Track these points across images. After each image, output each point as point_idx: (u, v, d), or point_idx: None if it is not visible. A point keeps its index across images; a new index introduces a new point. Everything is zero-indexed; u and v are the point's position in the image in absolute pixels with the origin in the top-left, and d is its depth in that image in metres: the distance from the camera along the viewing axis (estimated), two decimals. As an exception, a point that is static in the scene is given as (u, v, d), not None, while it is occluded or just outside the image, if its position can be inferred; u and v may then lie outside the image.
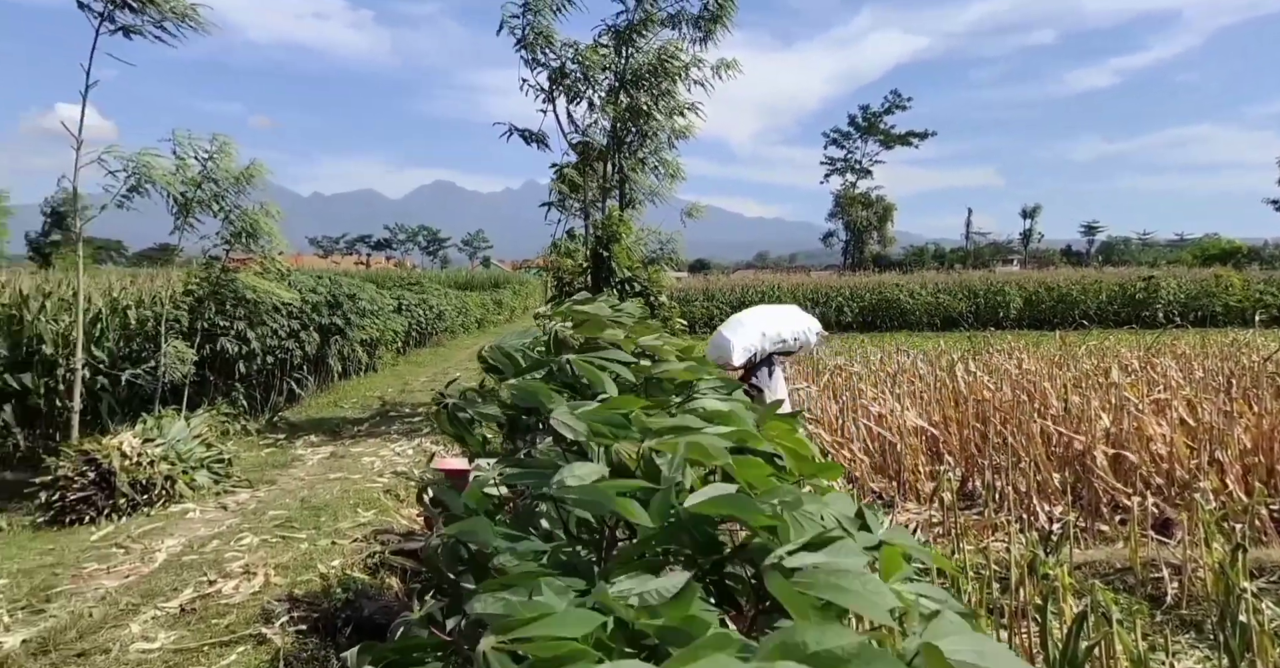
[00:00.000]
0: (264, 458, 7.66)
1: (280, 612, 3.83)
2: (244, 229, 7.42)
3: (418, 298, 18.77)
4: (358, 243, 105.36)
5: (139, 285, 9.97)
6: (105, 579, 4.47)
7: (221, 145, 6.96)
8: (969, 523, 4.64)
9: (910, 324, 22.95)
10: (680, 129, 8.84)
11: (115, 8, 5.91)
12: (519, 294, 35.23)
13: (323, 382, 11.98)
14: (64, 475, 5.65)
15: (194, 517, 5.72)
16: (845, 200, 53.86)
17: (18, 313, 7.68)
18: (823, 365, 9.11)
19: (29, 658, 3.41)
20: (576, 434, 1.56)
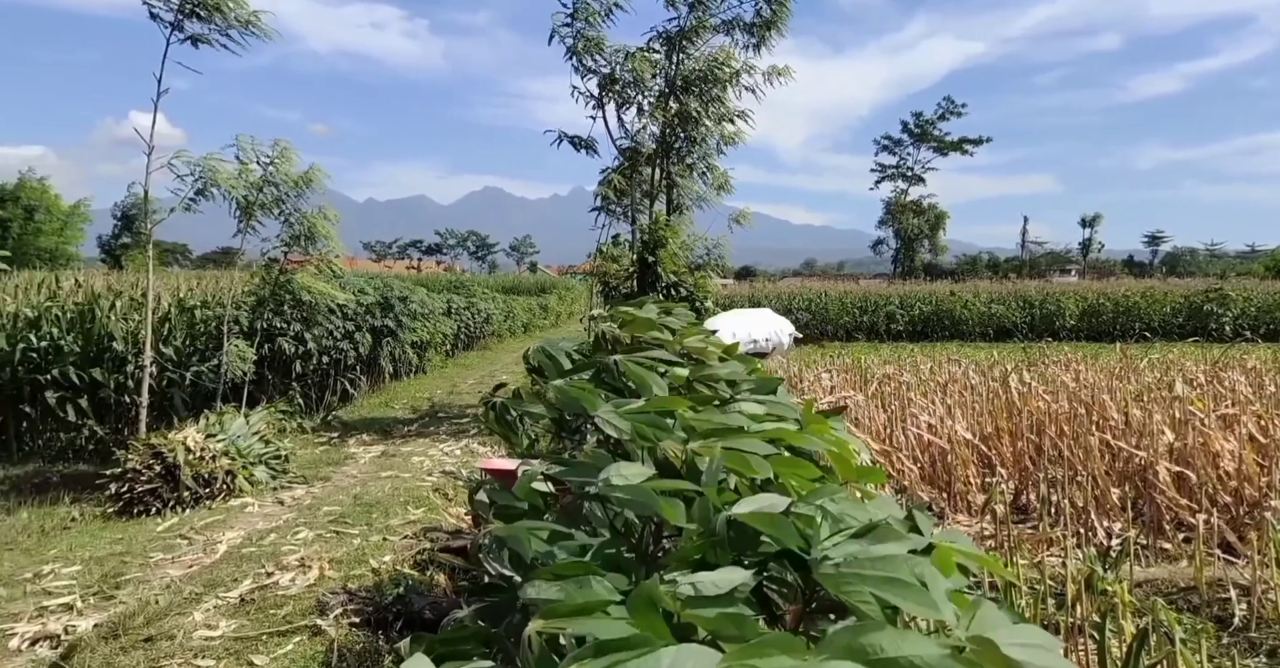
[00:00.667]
0: (319, 455, 7.87)
1: (334, 604, 3.94)
2: (302, 232, 7.66)
3: (466, 301, 19.10)
4: (409, 248, 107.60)
5: (204, 286, 10.37)
6: (170, 569, 4.65)
7: (282, 150, 7.22)
8: (1023, 537, 4.52)
9: (962, 334, 22.46)
10: (729, 135, 8.84)
11: (184, 17, 6.19)
12: (564, 299, 35.54)
13: (374, 382, 12.26)
14: (132, 468, 5.90)
15: (253, 511, 5.91)
16: (896, 208, 53.04)
17: (91, 311, 8.07)
18: (870, 374, 8.98)
19: (100, 642, 3.57)
20: (620, 433, 1.58)
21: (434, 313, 14.47)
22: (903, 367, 9.91)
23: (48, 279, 10.03)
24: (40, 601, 4.16)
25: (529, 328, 26.33)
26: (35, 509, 6.55)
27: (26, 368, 7.67)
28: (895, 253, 54.27)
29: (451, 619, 1.53)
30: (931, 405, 6.56)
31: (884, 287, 28.39)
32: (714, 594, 1.02)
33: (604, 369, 2.02)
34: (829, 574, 1.03)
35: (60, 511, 6.41)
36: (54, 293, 8.77)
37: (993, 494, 4.20)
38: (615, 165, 8.95)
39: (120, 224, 34.72)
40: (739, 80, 8.31)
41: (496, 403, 2.32)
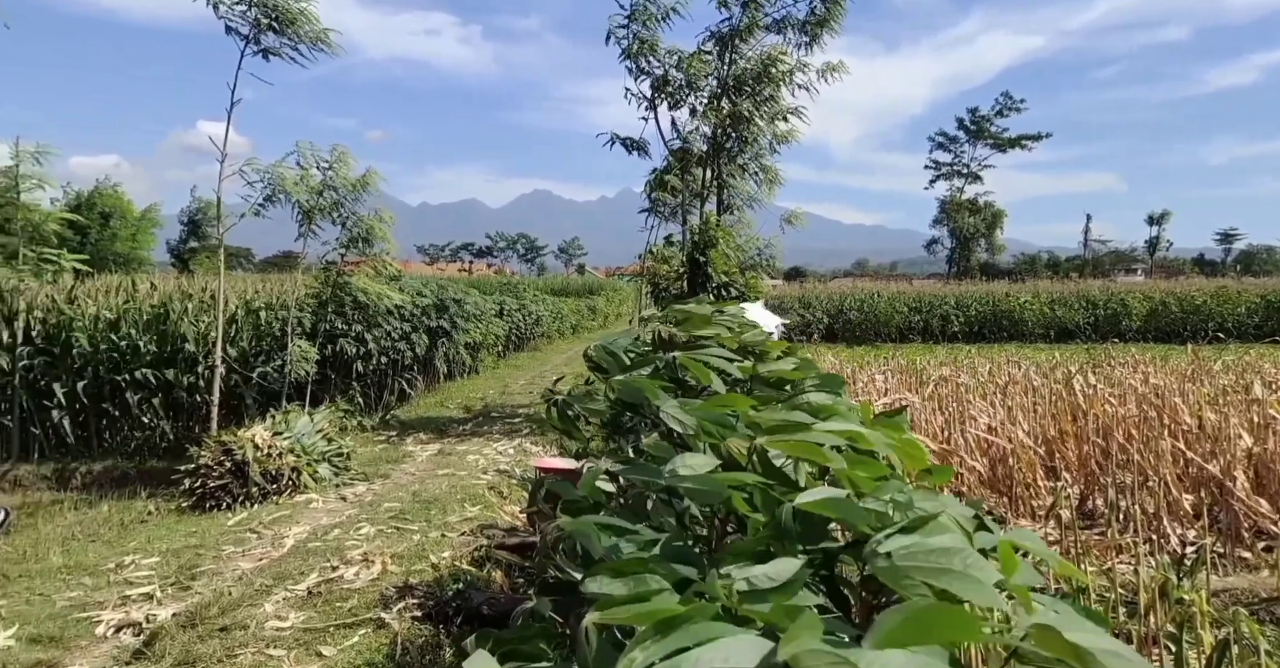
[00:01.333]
0: (378, 453, 8.08)
1: (397, 598, 4.04)
2: (360, 235, 7.88)
3: (517, 303, 19.36)
4: (461, 251, 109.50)
5: (268, 289, 10.74)
6: (241, 561, 4.84)
7: (340, 155, 7.44)
8: (1090, 543, 4.38)
9: (1021, 335, 21.83)
10: (782, 134, 8.78)
11: (259, 31, 6.46)
12: (612, 301, 35.71)
13: (430, 382, 12.53)
14: (205, 464, 6.15)
15: (317, 506, 6.11)
16: (951, 206, 51.86)
17: (165, 313, 8.44)
18: (926, 375, 8.80)
19: (179, 630, 3.74)
20: (685, 427, 1.59)
21: (486, 315, 14.72)
22: (959, 368, 9.69)
23: (124, 283, 10.53)
24: (123, 590, 4.37)
25: (577, 329, 26.53)
26: (115, 503, 6.89)
27: (107, 367, 8.06)
28: (950, 252, 53.05)
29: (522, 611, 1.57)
30: (991, 408, 6.41)
31: (939, 287, 27.77)
32: (768, 587, 1.03)
33: (663, 366, 2.04)
34: (883, 566, 1.03)
35: (138, 504, 6.73)
36: (131, 296, 9.21)
37: (1058, 498, 4.08)
38: (666, 166, 8.97)
39: (187, 229, 36.23)
40: (792, 78, 8.24)
41: (558, 400, 2.36)
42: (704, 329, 2.11)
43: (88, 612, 4.06)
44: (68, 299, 8.54)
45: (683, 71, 8.16)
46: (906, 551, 1.05)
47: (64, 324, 8.16)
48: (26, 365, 7.91)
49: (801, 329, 21.41)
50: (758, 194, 9.12)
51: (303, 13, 6.52)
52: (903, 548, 1.06)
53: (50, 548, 5.36)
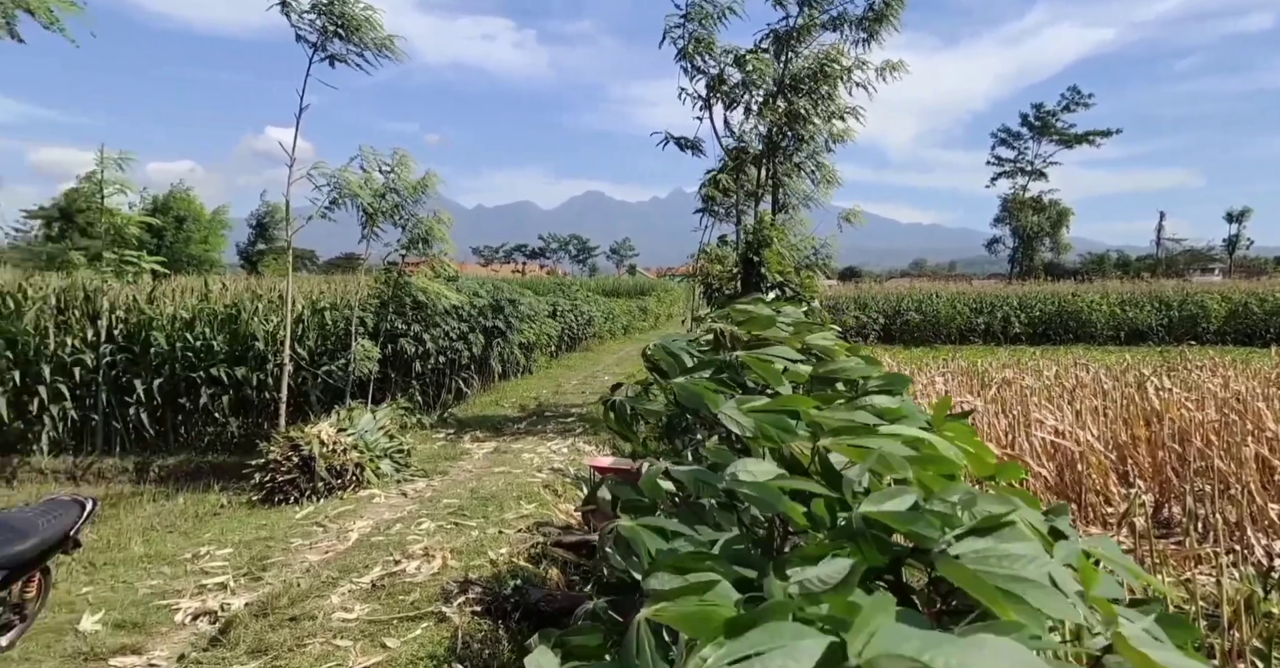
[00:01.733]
0: (437, 450, 8.25)
1: (457, 593, 4.12)
2: (419, 236, 8.06)
3: (570, 304, 19.53)
4: (515, 252, 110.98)
5: (332, 289, 11.07)
6: (309, 554, 5.00)
7: (401, 158, 7.63)
8: (1166, 552, 4.20)
9: (1089, 337, 21.04)
10: (839, 133, 8.66)
11: (326, 38, 6.69)
12: (663, 301, 35.70)
13: (485, 382, 12.74)
14: (274, 459, 6.38)
15: (379, 501, 6.27)
16: (1014, 204, 50.31)
17: (237, 313, 8.78)
18: (988, 377, 8.56)
19: (251, 619, 3.88)
20: (743, 430, 1.58)
21: (540, 315, 14.89)
22: (1023, 370, 9.40)
23: (198, 283, 11.01)
24: (199, 579, 4.57)
25: (629, 330, 26.60)
26: (190, 496, 7.19)
27: (183, 365, 8.43)
28: (1012, 252, 51.48)
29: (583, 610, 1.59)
30: (1057, 411, 6.20)
31: (1000, 287, 26.97)
32: (821, 590, 1.02)
33: (724, 367, 2.03)
34: (952, 568, 1.01)
35: (211, 497, 7.01)
36: (205, 296, 9.62)
37: (1131, 506, 3.92)
38: (720, 166, 8.93)
39: (256, 232, 37.70)
40: (850, 77, 8.11)
41: (616, 402, 2.37)
42: (766, 329, 2.10)
43: (167, 600, 4.26)
44: (148, 299, 8.97)
45: (739, 70, 8.11)
46: (979, 554, 1.03)
47: (144, 323, 8.57)
48: (109, 362, 8.33)
49: (857, 330, 21.04)
50: (814, 193, 9.01)
51: (368, 19, 6.73)
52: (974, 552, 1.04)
53: (132, 538, 5.63)
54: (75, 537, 3.71)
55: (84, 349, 8.31)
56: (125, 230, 8.02)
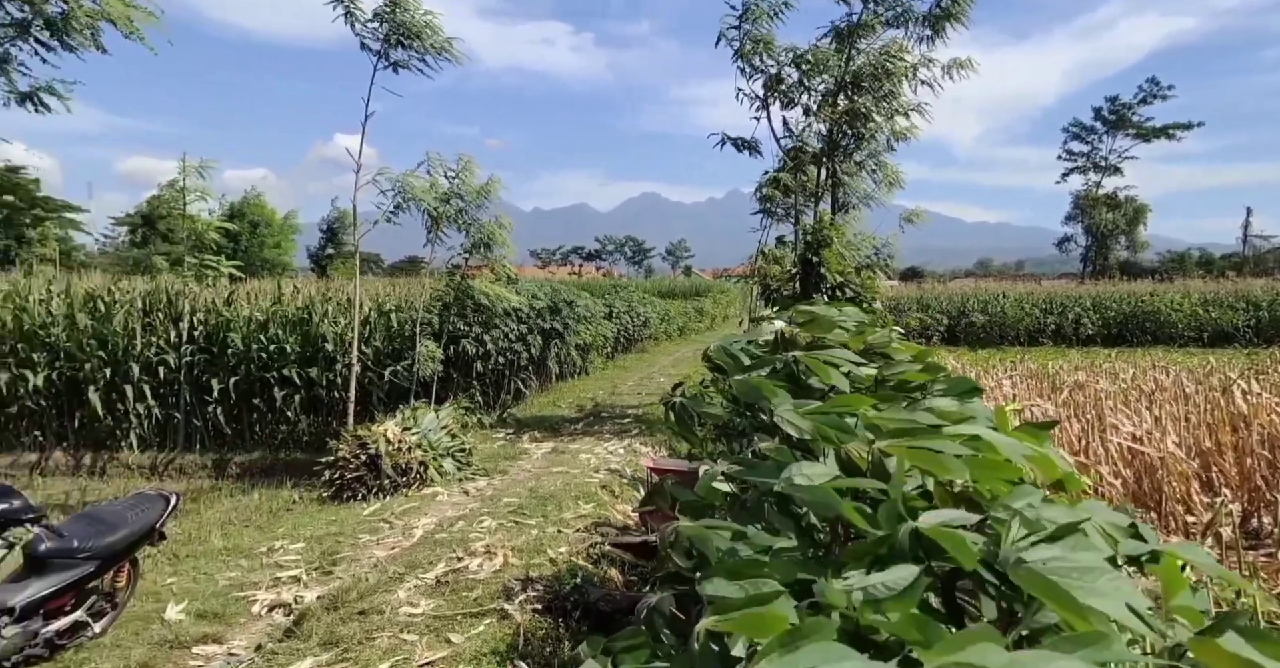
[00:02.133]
0: (497, 450, 8.40)
1: (518, 591, 4.19)
2: (482, 240, 8.23)
3: (625, 305, 19.60)
4: (571, 254, 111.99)
5: (397, 292, 11.39)
6: (376, 550, 5.15)
7: (465, 164, 7.81)
8: (1256, 564, 3.98)
9: (1168, 338, 20.08)
10: (901, 131, 8.47)
11: (389, 46, 6.90)
12: (719, 302, 35.49)
13: (543, 382, 12.90)
14: (342, 457, 6.59)
15: (442, 500, 6.42)
16: (1086, 201, 48.35)
17: (308, 315, 9.11)
18: (1059, 380, 8.26)
19: (322, 612, 4.02)
20: (801, 432, 1.56)
21: (596, 316, 15.00)
22: (1097, 373, 9.05)
23: (271, 287, 11.48)
24: (274, 572, 4.75)
25: (684, 331, 26.54)
26: (264, 491, 7.49)
27: (258, 366, 8.80)
28: (1085, 251, 49.49)
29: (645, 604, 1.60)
30: (1135, 416, 5.95)
31: (1072, 287, 25.97)
32: (885, 596, 1.00)
33: (784, 367, 2.01)
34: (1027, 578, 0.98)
35: (284, 493, 7.29)
36: (278, 299, 10.02)
37: (1217, 515, 3.73)
38: (778, 166, 8.85)
39: (326, 237, 39.10)
40: (915, 74, 7.92)
41: (675, 403, 2.37)
42: (827, 331, 2.07)
43: (244, 591, 4.44)
44: (225, 302, 9.39)
45: (798, 69, 8.01)
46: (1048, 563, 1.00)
47: (221, 325, 8.98)
48: (190, 362, 8.75)
49: (920, 332, 20.55)
50: (875, 192, 8.84)
51: (428, 25, 6.90)
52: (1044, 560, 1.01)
53: (211, 531, 5.90)
54: (160, 530, 3.92)
55: (167, 350, 8.76)
56: (205, 236, 8.41)
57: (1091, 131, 49.05)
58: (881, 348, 1.99)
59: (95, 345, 8.66)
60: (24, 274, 11.46)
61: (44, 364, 8.60)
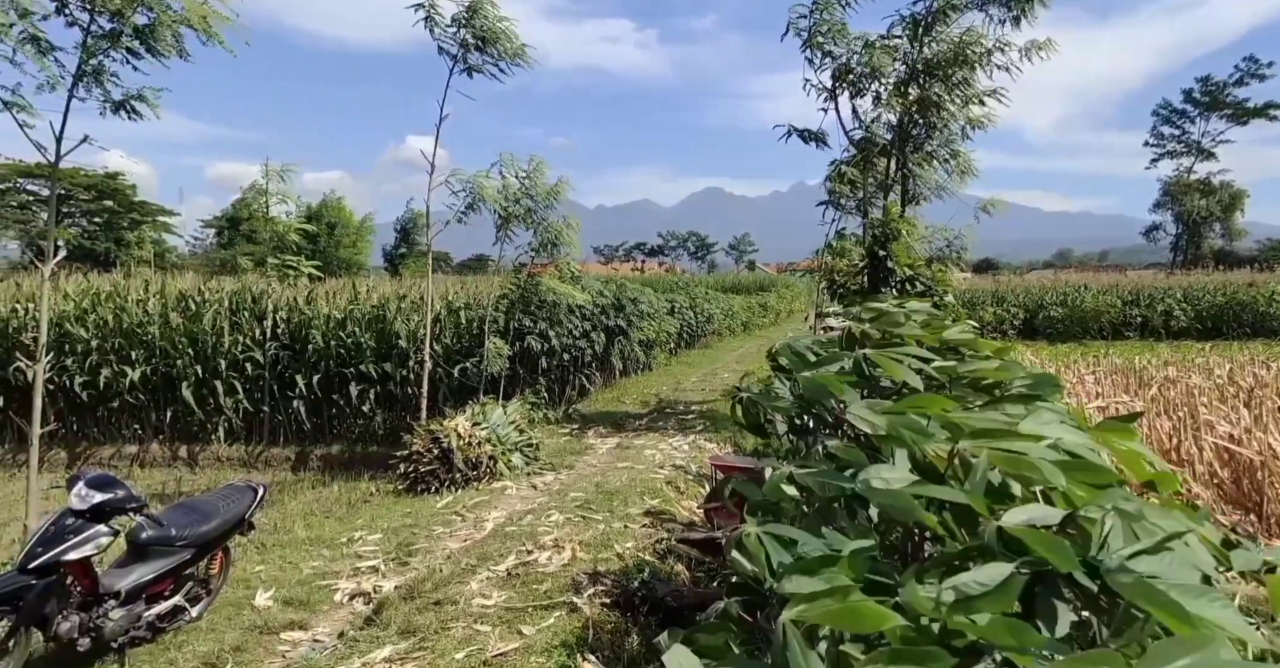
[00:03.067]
0: (562, 445, 8.51)
1: (587, 585, 4.24)
2: (549, 240, 8.35)
3: (688, 301, 19.55)
4: (634, 250, 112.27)
5: (466, 290, 11.65)
6: (449, 542, 5.30)
7: (536, 166, 7.93)
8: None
9: (1269, 331, 18.84)
10: (976, 119, 8.17)
11: (466, 50, 7.05)
12: (784, 297, 35.01)
13: (607, 378, 13.00)
14: (416, 451, 6.80)
15: (511, 493, 6.55)
16: (1177, 188, 45.72)
17: (383, 313, 9.42)
18: (1148, 376, 7.86)
19: (400, 601, 4.16)
20: (874, 429, 1.52)
21: (659, 313, 15.02)
22: (1189, 368, 8.58)
23: (348, 286, 11.92)
24: (354, 562, 4.94)
25: (748, 327, 26.29)
26: (344, 484, 7.78)
27: (336, 362, 9.14)
28: (1175, 239, 46.83)
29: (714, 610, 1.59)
30: (1232, 413, 5.61)
31: (1160, 277, 24.63)
32: (978, 594, 0.96)
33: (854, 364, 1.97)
34: (1127, 584, 0.94)
35: (361, 485, 7.55)
36: (354, 297, 10.39)
37: (1326, 523, 3.49)
38: (846, 157, 8.66)
39: (400, 237, 40.32)
40: (990, 59, 7.61)
41: (744, 397, 2.35)
42: (898, 326, 2.02)
43: (327, 580, 4.63)
44: (306, 301, 9.79)
45: (867, 57, 7.80)
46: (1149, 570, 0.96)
47: (303, 323, 9.37)
48: (274, 359, 9.16)
49: (995, 326, 19.83)
50: (947, 183, 8.56)
51: (505, 31, 7.03)
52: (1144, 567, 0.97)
53: (295, 522, 6.16)
54: (250, 519, 4.12)
55: (253, 347, 9.19)
56: (287, 237, 8.78)
57: (1182, 115, 46.28)
58: (956, 343, 1.94)
59: (186, 343, 9.16)
60: (124, 276, 12.18)
61: (141, 361, 9.14)
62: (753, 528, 1.44)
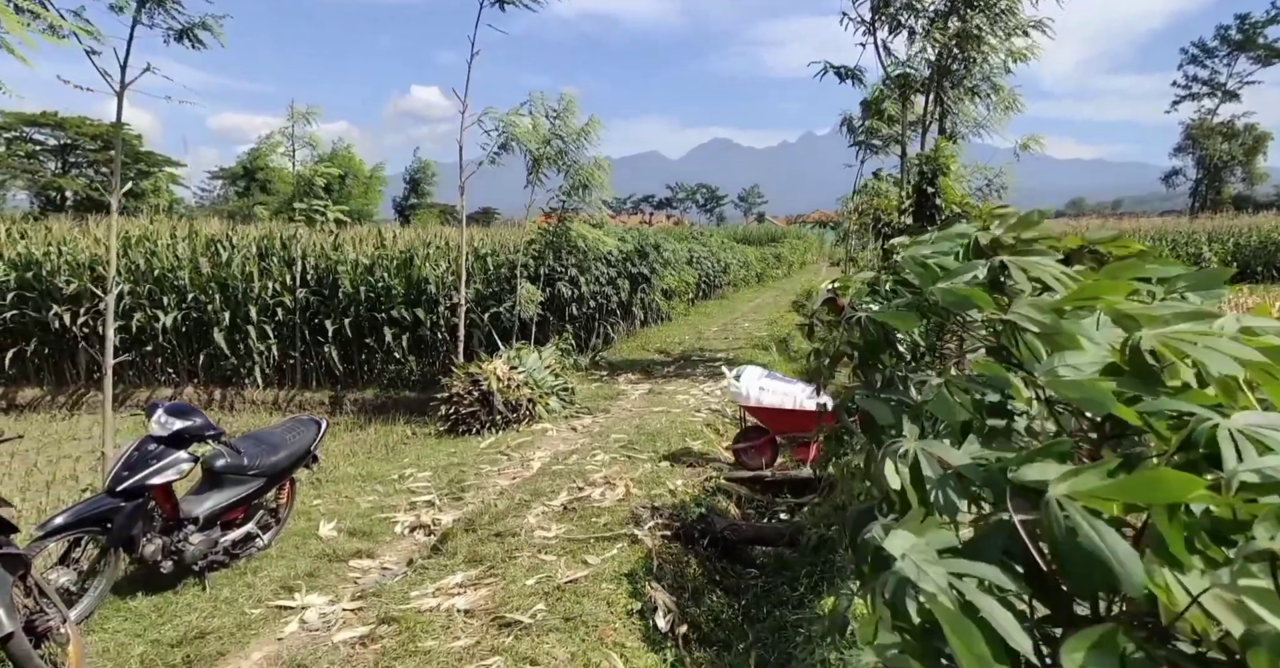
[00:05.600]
0: (595, 390, 8.52)
1: (646, 518, 4.27)
2: (580, 182, 8.19)
3: (707, 251, 19.40)
4: (642, 203, 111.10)
5: (492, 239, 11.55)
6: (498, 479, 5.34)
7: (567, 104, 7.73)
8: None
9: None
10: (1019, 51, 7.88)
11: None
12: (795, 249, 34.74)
13: (629, 328, 12.98)
14: (456, 393, 6.81)
15: (552, 435, 6.58)
16: (1199, 131, 44.62)
17: (410, 259, 9.34)
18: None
19: (462, 533, 4.20)
20: (1043, 327, 1.45)
21: (679, 261, 14.91)
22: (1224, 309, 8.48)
23: (374, 232, 11.82)
24: (409, 497, 4.99)
25: (762, 278, 26.16)
26: (380, 427, 7.82)
27: (366, 307, 9.11)
28: (1194, 185, 45.94)
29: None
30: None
31: (1182, 222, 24.26)
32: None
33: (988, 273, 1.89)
34: None
35: (398, 429, 7.60)
36: (381, 243, 10.31)
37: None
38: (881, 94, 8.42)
39: (409, 187, 39.92)
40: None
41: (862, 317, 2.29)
42: (1031, 231, 1.94)
43: (385, 513, 4.68)
44: (334, 246, 9.72)
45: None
46: None
47: (331, 268, 9.31)
48: (304, 303, 9.13)
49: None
50: (987, 120, 8.32)
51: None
52: None
53: (340, 462, 6.22)
54: (314, 452, 4.14)
55: (283, 292, 9.15)
56: (315, 181, 8.65)
57: (1211, 54, 44.85)
58: (1096, 244, 1.86)
59: (216, 288, 9.12)
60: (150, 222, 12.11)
61: (173, 306, 9.13)
62: (912, 444, 1.37)
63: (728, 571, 4.25)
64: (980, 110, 8.20)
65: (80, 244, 9.68)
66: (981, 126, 8.39)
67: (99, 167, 32.13)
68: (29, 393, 9.61)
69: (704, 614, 3.62)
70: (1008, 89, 8.13)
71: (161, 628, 3.24)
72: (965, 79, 8.07)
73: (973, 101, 8.09)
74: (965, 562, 1.03)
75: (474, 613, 3.25)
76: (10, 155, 31.11)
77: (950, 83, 8.03)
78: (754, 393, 5.54)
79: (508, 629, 3.05)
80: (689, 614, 3.56)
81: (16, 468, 7.15)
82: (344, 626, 3.20)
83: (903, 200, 7.26)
